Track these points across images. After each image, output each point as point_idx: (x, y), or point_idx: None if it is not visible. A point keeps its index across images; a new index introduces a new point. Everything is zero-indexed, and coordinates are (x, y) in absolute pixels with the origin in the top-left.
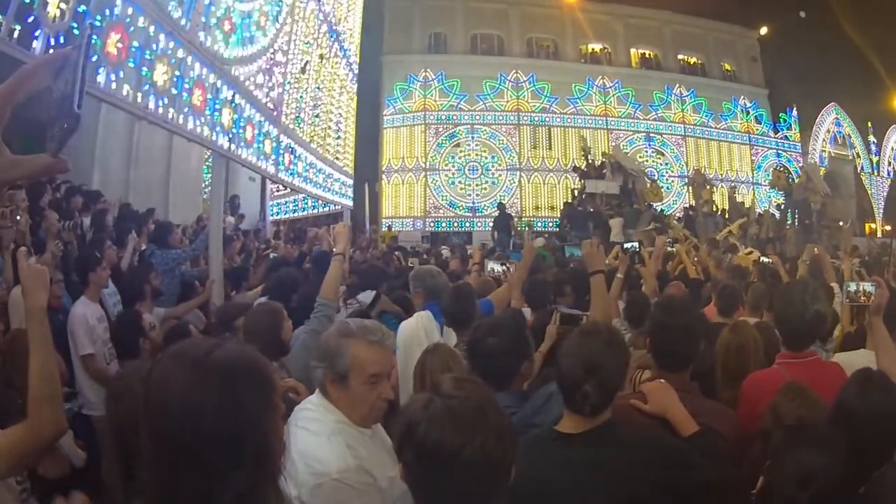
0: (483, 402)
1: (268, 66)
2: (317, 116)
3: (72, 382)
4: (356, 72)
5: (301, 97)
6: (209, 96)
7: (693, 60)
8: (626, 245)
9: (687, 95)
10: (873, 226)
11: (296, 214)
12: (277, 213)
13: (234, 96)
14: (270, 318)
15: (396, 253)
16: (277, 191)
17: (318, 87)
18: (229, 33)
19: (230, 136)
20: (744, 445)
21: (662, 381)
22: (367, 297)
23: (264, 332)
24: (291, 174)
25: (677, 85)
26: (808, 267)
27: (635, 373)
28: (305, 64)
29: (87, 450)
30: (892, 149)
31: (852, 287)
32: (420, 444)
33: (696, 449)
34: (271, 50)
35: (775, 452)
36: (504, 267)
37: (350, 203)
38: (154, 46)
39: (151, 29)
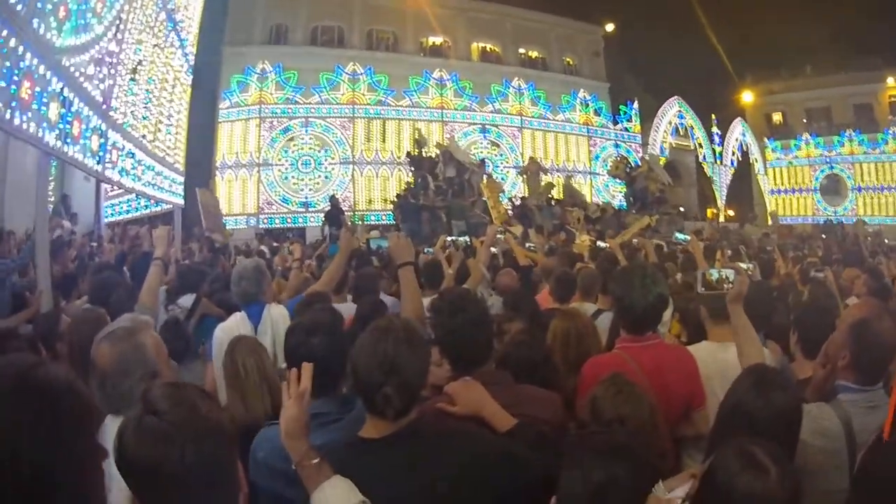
0: (187, 411)
1: (100, 56)
2: (147, 110)
3: None
4: (192, 63)
5: (132, 90)
6: (38, 89)
7: (534, 55)
8: (458, 238)
9: (525, 88)
10: (715, 211)
11: (129, 215)
12: (112, 215)
13: (62, 89)
14: (91, 329)
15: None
16: (112, 190)
17: (152, 79)
18: (63, 20)
19: (56, 131)
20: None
21: (467, 378)
22: (188, 301)
23: (85, 346)
24: (120, 172)
25: (516, 78)
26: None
27: None
28: (137, 65)
29: None
30: (737, 139)
31: (714, 275)
32: (128, 464)
33: (518, 442)
34: (105, 38)
35: (563, 464)
36: None
37: (181, 201)
38: None
39: None
